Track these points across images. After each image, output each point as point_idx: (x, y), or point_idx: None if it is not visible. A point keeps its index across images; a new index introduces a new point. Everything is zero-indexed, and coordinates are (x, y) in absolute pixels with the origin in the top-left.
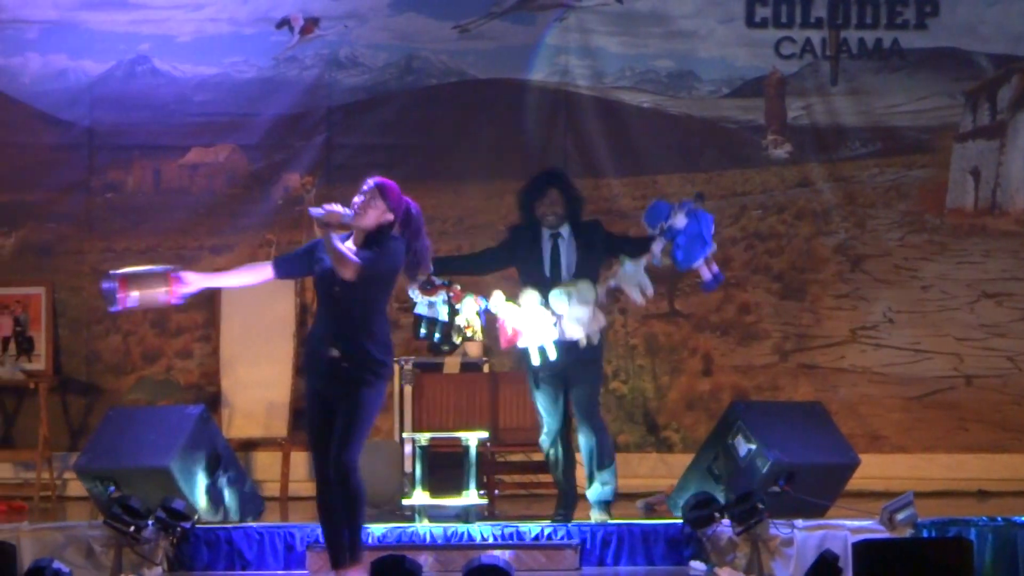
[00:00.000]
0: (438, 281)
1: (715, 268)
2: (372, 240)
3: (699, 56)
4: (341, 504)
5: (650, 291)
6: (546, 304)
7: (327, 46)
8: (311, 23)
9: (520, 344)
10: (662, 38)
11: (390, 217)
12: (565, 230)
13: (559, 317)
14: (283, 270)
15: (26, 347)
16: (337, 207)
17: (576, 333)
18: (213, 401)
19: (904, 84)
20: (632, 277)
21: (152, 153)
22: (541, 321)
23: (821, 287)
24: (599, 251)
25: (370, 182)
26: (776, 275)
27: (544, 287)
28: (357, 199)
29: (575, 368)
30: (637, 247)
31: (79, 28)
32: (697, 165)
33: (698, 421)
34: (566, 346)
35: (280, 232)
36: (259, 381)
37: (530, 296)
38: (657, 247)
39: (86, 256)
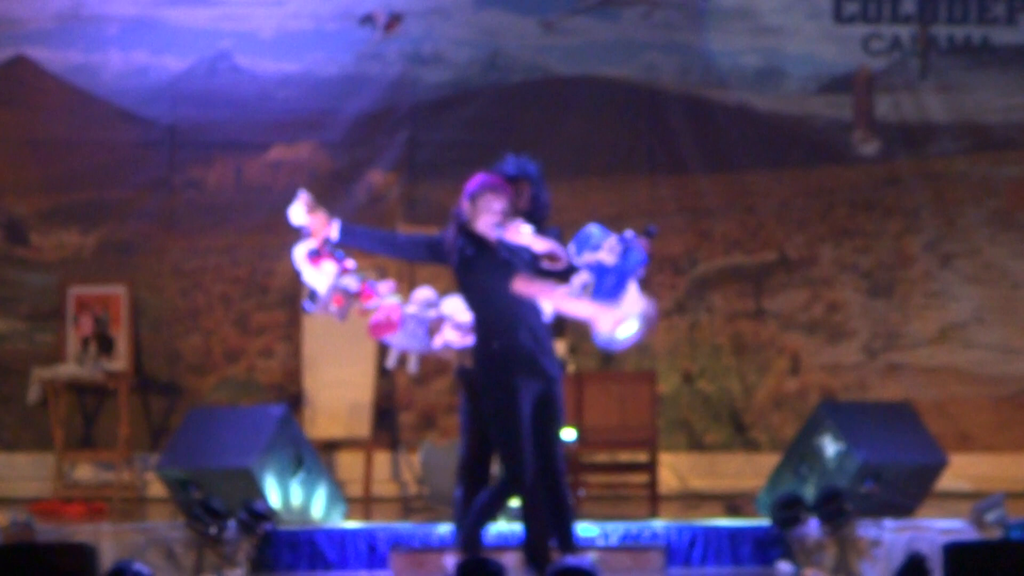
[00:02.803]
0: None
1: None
2: None
3: (786, 52)
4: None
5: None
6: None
7: (410, 42)
8: (394, 19)
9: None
10: (749, 34)
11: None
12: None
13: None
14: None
15: (106, 347)
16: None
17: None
18: (295, 401)
19: (994, 80)
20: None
21: (233, 150)
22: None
23: (910, 285)
24: None
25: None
26: (864, 273)
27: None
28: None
29: None
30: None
31: (160, 25)
32: (784, 162)
33: (785, 421)
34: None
35: None
36: (342, 381)
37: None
38: (576, 280)
39: (167, 255)
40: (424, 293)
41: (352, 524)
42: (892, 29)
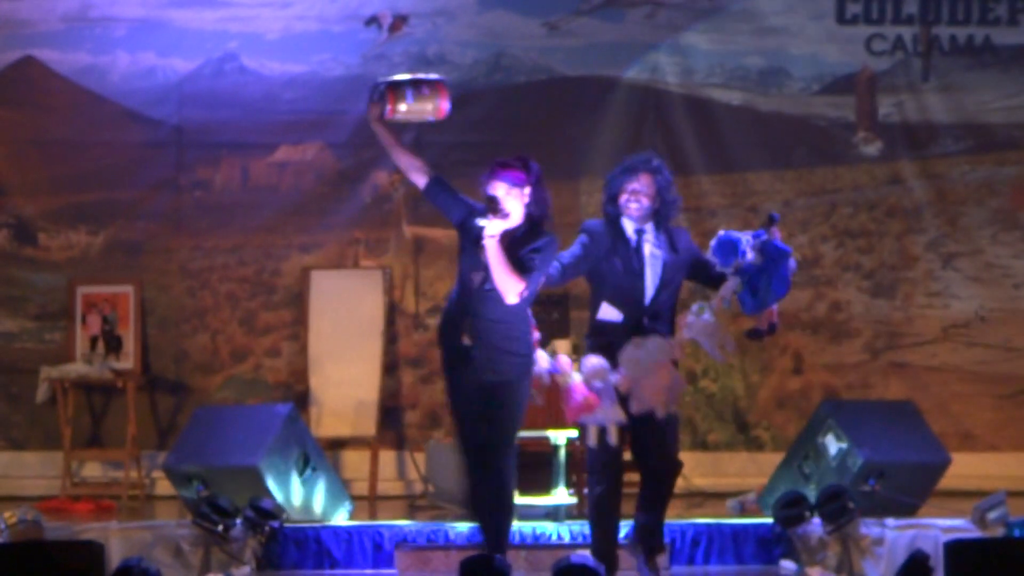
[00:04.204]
0: None
1: (775, 317)
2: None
3: (789, 53)
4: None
5: (731, 346)
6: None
7: (416, 44)
8: (400, 20)
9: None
10: (752, 35)
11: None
12: (650, 227)
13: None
14: (434, 195)
15: (114, 346)
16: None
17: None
18: (301, 400)
19: (996, 81)
20: (713, 329)
21: (240, 151)
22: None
23: (912, 285)
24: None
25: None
26: (867, 273)
27: (634, 303)
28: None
29: None
30: (712, 279)
31: (167, 26)
32: (787, 163)
33: (788, 420)
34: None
35: (369, 230)
36: (348, 379)
37: (608, 312)
38: (728, 289)
39: (174, 254)
40: (595, 361)
41: (358, 522)
42: (894, 30)
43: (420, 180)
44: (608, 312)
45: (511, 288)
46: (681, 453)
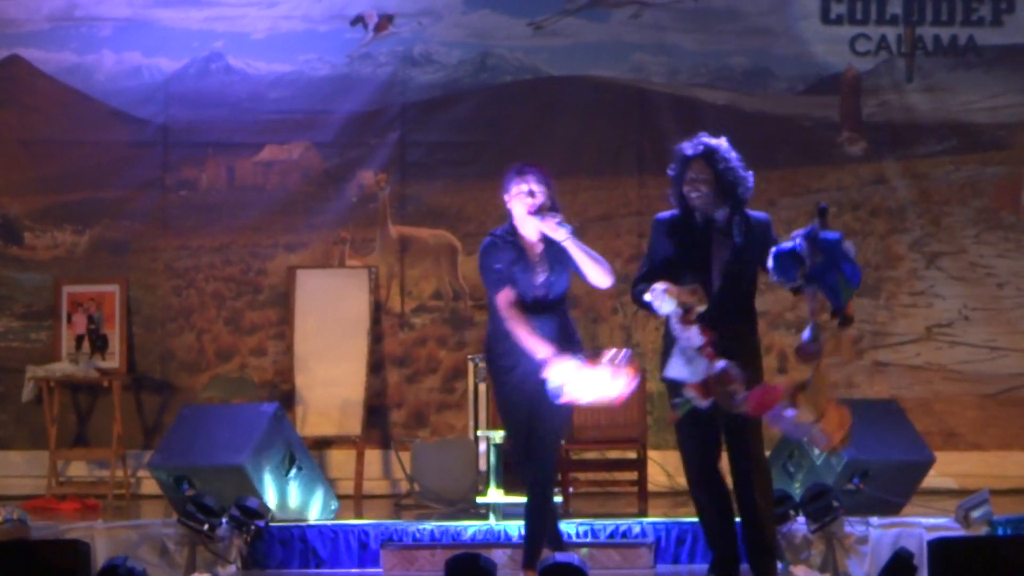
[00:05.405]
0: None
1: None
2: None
3: (774, 53)
4: None
5: (823, 440)
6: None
7: (401, 43)
8: (385, 20)
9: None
10: (737, 35)
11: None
12: (721, 215)
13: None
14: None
15: (100, 345)
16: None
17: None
18: (287, 399)
19: (980, 81)
20: (799, 422)
21: (226, 150)
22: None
23: (896, 284)
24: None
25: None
26: None
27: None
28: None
29: None
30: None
31: (153, 25)
32: (772, 162)
33: None
34: None
35: (354, 230)
36: (333, 379)
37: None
38: (812, 305)
39: (160, 254)
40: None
41: (343, 521)
42: (879, 30)
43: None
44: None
45: (604, 274)
46: (664, 451)
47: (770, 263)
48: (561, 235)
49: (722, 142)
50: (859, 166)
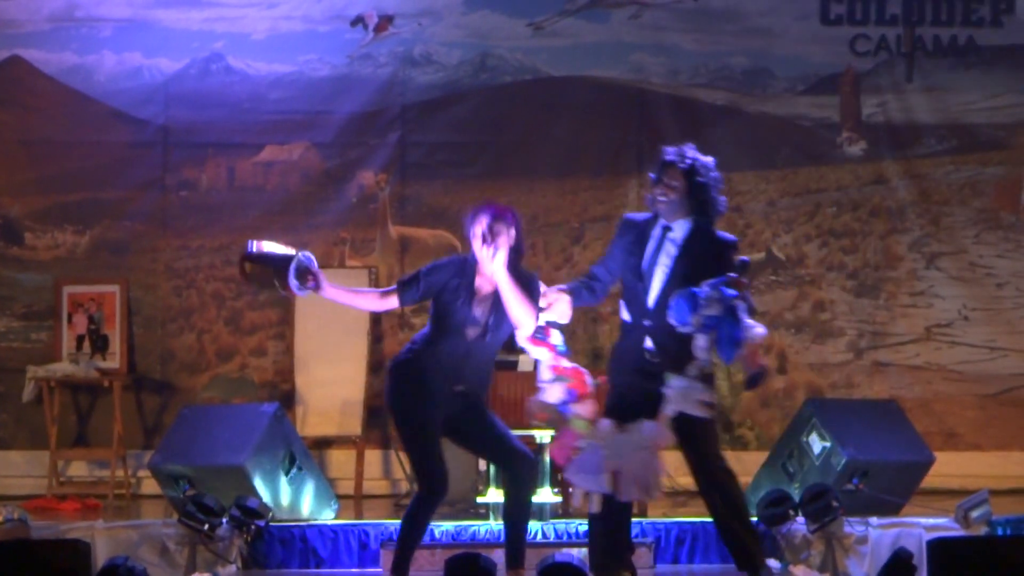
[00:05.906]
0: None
1: (761, 358)
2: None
3: (774, 53)
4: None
5: (711, 396)
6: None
7: (401, 44)
8: (385, 21)
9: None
10: (736, 35)
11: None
12: (681, 226)
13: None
14: (411, 297)
15: (100, 345)
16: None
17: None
18: (287, 399)
19: (979, 81)
20: (686, 394)
21: (226, 151)
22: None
23: (896, 284)
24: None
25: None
26: (851, 273)
27: (639, 303)
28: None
29: None
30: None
31: (153, 26)
32: (772, 163)
33: (772, 419)
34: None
35: (354, 230)
36: (333, 379)
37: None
38: (699, 349)
39: (160, 254)
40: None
41: (343, 521)
42: (878, 30)
43: (392, 302)
44: (622, 311)
45: (528, 317)
46: (664, 452)
47: (671, 301)
48: (493, 266)
49: (708, 160)
50: (859, 166)
